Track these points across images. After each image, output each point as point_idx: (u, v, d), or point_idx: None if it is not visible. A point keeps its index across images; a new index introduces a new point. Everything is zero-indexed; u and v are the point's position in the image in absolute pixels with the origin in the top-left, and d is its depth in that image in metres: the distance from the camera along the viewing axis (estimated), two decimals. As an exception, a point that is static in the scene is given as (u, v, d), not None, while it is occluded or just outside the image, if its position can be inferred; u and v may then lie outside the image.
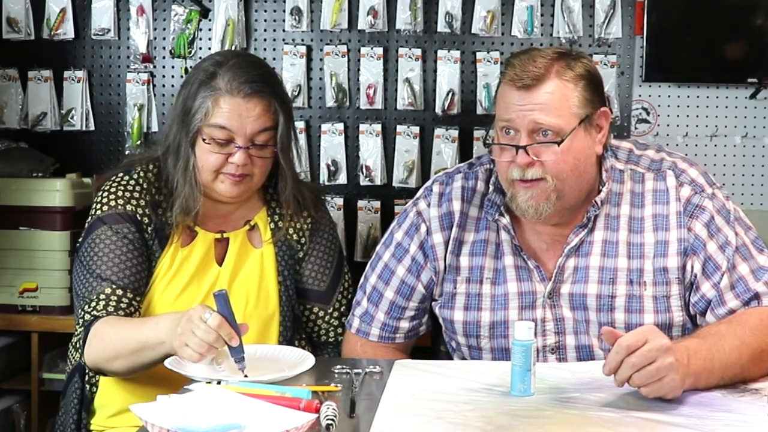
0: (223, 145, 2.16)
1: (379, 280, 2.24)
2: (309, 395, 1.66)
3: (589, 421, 1.65)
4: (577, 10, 3.35)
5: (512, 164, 2.02)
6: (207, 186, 2.21)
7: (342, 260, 2.40)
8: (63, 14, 3.45)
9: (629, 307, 2.06)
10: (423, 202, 2.22)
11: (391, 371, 1.94)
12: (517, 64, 2.03)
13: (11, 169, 3.27)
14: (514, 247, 2.12)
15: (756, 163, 3.44)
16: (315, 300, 2.34)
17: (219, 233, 2.26)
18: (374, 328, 2.24)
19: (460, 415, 1.67)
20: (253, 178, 2.21)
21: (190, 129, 2.18)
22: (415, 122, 3.42)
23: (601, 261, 2.08)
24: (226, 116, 2.15)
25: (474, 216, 2.17)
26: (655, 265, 2.06)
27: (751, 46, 3.36)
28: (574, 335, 2.08)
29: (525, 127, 2.00)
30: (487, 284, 2.13)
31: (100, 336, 2.08)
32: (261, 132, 2.17)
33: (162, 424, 1.49)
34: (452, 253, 2.16)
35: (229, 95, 2.15)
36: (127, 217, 2.20)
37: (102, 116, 3.51)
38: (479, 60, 3.39)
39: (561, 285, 2.09)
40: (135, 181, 2.24)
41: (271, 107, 2.18)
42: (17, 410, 3.17)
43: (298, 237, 2.33)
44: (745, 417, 1.68)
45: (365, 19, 3.37)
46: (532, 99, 2.00)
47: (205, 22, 3.45)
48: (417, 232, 2.20)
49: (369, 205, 3.42)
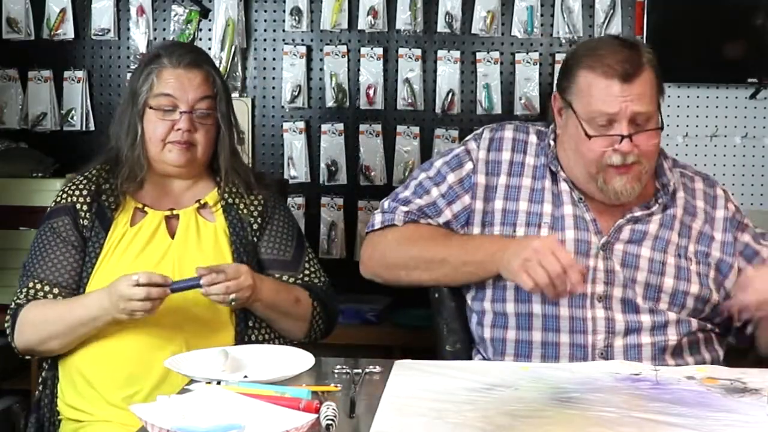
0: (168, 111, 2.29)
1: (413, 194, 2.25)
2: (309, 395, 1.66)
3: (589, 421, 1.65)
4: (577, 10, 3.36)
5: (610, 152, 2.10)
6: (156, 158, 2.31)
7: (302, 236, 2.44)
8: (63, 14, 3.46)
9: (678, 274, 2.15)
10: (473, 142, 2.28)
11: (391, 371, 1.94)
12: (607, 55, 2.11)
13: (11, 169, 3.27)
14: (574, 198, 2.19)
15: (756, 163, 3.45)
16: (282, 269, 2.36)
17: (169, 210, 2.34)
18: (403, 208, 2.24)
19: (460, 415, 1.67)
20: (198, 147, 2.31)
21: (138, 103, 2.31)
22: (415, 122, 3.43)
23: (658, 231, 2.18)
24: (170, 85, 2.29)
25: (530, 164, 2.24)
26: (698, 248, 2.19)
27: (751, 46, 3.36)
28: (622, 288, 2.14)
29: (626, 117, 2.09)
30: (545, 229, 2.18)
31: (29, 321, 2.21)
32: (202, 99, 2.30)
33: (162, 425, 1.49)
34: (507, 198, 2.21)
35: (171, 67, 2.30)
36: (65, 209, 2.29)
37: (102, 116, 3.51)
38: (479, 60, 3.39)
39: (615, 242, 2.16)
40: (85, 177, 2.34)
41: (209, 77, 2.33)
42: (17, 410, 3.18)
43: (249, 212, 2.37)
44: (745, 417, 1.68)
45: (365, 19, 3.37)
46: (632, 90, 2.08)
47: (205, 22, 3.45)
48: (461, 165, 2.25)
49: (369, 205, 3.42)
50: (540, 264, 1.98)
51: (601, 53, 2.12)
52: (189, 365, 1.89)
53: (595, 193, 2.15)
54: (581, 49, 2.21)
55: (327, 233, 3.44)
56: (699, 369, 1.96)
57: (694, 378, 1.90)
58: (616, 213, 2.18)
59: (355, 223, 3.43)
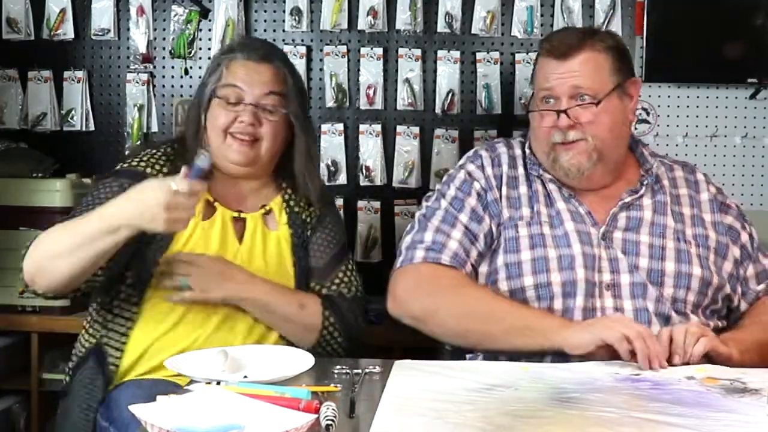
0: (232, 103, 2.25)
1: (444, 223, 2.26)
2: (308, 395, 1.66)
3: (589, 421, 1.65)
4: (577, 10, 3.35)
5: (553, 129, 2.21)
6: (218, 153, 2.26)
7: (346, 248, 2.44)
8: (63, 14, 3.45)
9: (679, 257, 2.20)
10: (472, 164, 2.33)
11: (391, 371, 1.94)
12: (553, 39, 2.28)
13: (11, 169, 3.27)
14: (564, 196, 2.26)
15: (756, 163, 3.45)
16: (313, 275, 2.35)
17: (237, 212, 2.30)
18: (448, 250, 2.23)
19: (460, 415, 1.67)
20: (262, 143, 2.26)
21: (205, 93, 2.29)
22: (415, 122, 3.43)
23: (653, 217, 2.24)
24: (238, 76, 2.25)
25: (521, 174, 2.31)
26: (696, 232, 2.26)
27: (751, 46, 3.36)
28: (629, 274, 2.17)
29: (565, 93, 2.21)
30: (546, 227, 2.23)
31: (40, 240, 2.08)
32: (269, 94, 2.27)
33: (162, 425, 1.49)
34: (510, 207, 2.27)
35: (243, 59, 2.27)
36: (141, 175, 2.19)
37: (102, 116, 3.51)
38: (479, 60, 3.39)
39: (614, 231, 2.22)
40: (164, 153, 2.30)
41: (280, 75, 2.29)
42: (17, 410, 3.18)
43: (308, 219, 2.37)
44: (746, 417, 1.68)
45: (365, 20, 3.37)
46: (569, 67, 2.21)
47: (205, 22, 3.45)
48: (472, 187, 2.29)
49: (369, 206, 3.43)
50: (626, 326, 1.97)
51: (550, 37, 2.30)
52: (189, 365, 1.89)
53: (556, 173, 2.25)
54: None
55: (327, 233, 3.44)
56: (699, 369, 1.96)
57: (694, 378, 1.90)
58: (606, 203, 2.25)
59: (355, 223, 3.43)
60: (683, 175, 2.34)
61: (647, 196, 2.27)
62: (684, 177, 2.34)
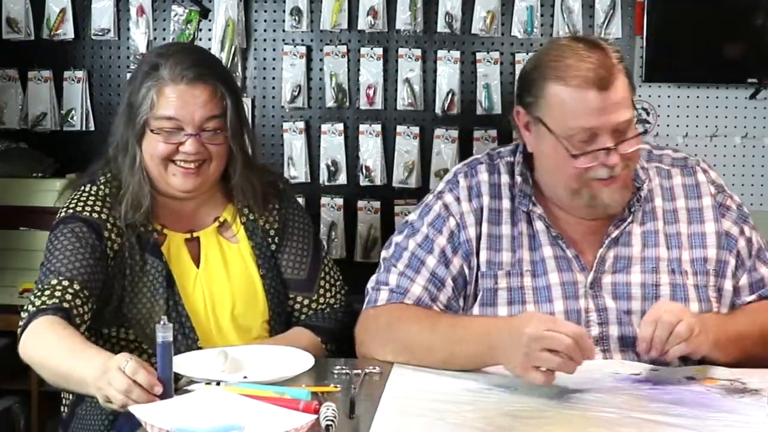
0: (171, 133, 2.09)
1: (408, 268, 2.08)
2: (308, 396, 1.66)
3: (589, 421, 1.65)
4: (577, 10, 3.35)
5: (597, 166, 1.96)
6: (159, 180, 2.13)
7: (318, 245, 2.33)
8: (63, 14, 3.45)
9: (674, 295, 2.03)
10: (449, 195, 2.12)
11: (391, 371, 1.93)
12: (575, 64, 1.94)
13: (11, 169, 3.27)
14: (551, 237, 2.06)
15: (756, 163, 3.45)
16: (297, 289, 2.27)
17: (188, 233, 2.19)
18: (411, 294, 2.05)
19: (460, 416, 1.67)
20: (210, 167, 2.13)
21: (137, 123, 2.10)
22: (415, 122, 3.43)
23: (643, 251, 2.05)
24: (173, 105, 2.08)
25: (506, 208, 2.09)
26: (693, 256, 2.06)
27: (751, 46, 3.36)
28: (618, 326, 2.02)
29: (609, 128, 1.95)
30: (528, 277, 2.05)
31: (37, 336, 1.95)
32: (210, 119, 2.10)
33: (162, 425, 1.49)
34: (490, 248, 2.07)
35: (173, 83, 2.08)
36: (88, 223, 2.09)
37: (102, 116, 3.51)
38: (479, 60, 3.39)
39: (602, 275, 2.04)
40: (99, 188, 2.16)
41: (217, 92, 2.11)
42: (17, 410, 3.18)
43: (269, 228, 2.25)
44: (745, 417, 1.68)
45: (365, 20, 3.37)
46: (610, 98, 1.93)
47: (205, 22, 3.45)
48: (445, 224, 2.09)
49: (369, 206, 3.42)
50: (543, 349, 1.76)
51: (568, 62, 1.95)
52: (189, 366, 1.88)
53: (580, 209, 2.04)
54: (544, 59, 2.01)
55: (327, 233, 3.44)
56: (699, 369, 1.95)
57: (694, 378, 1.90)
58: (594, 237, 2.07)
59: (355, 223, 3.43)
60: (681, 182, 2.12)
61: (636, 223, 2.07)
62: (682, 184, 2.12)
